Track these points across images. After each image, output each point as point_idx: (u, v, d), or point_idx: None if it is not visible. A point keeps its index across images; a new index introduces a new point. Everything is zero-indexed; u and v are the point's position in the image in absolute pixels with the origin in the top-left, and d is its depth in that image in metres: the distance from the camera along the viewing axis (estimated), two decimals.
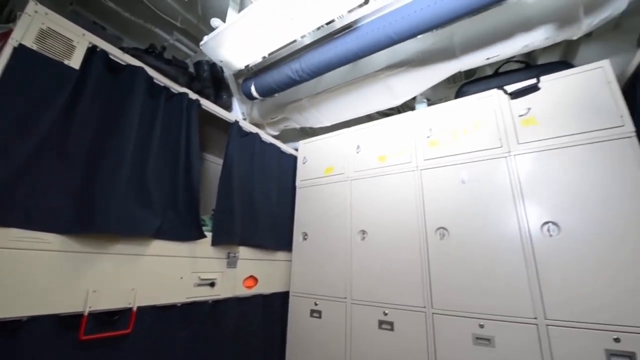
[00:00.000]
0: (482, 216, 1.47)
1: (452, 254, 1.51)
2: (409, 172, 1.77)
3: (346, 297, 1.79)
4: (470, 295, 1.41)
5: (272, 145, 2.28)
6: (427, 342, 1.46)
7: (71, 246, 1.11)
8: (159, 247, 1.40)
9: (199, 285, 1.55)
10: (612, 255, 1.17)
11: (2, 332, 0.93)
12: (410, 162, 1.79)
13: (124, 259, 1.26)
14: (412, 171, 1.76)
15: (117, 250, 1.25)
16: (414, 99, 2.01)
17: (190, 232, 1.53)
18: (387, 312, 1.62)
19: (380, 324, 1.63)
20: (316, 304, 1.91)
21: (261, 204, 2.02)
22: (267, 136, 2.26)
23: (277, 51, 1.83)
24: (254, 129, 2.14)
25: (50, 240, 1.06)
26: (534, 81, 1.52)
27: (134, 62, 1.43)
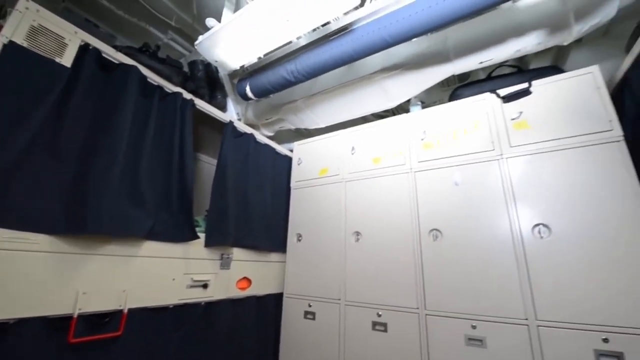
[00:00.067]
0: (475, 218, 1.49)
1: (445, 255, 1.52)
2: (403, 174, 1.78)
3: (340, 299, 1.79)
4: (462, 296, 1.42)
5: (267, 146, 2.28)
6: (420, 343, 1.47)
7: (61, 247, 1.09)
8: (151, 248, 1.39)
9: (192, 286, 1.54)
10: (601, 257, 1.19)
11: None
12: (404, 164, 1.80)
13: (115, 260, 1.25)
14: (406, 173, 1.77)
15: (108, 251, 1.23)
16: (409, 101, 2.03)
17: (183, 233, 1.52)
18: (380, 313, 1.63)
19: (374, 325, 1.63)
20: (310, 306, 1.90)
21: (255, 205, 2.01)
22: (261, 137, 2.25)
23: (273, 52, 1.83)
24: (249, 130, 2.13)
25: (39, 240, 1.04)
26: (525, 85, 1.54)
27: (127, 60, 1.42)
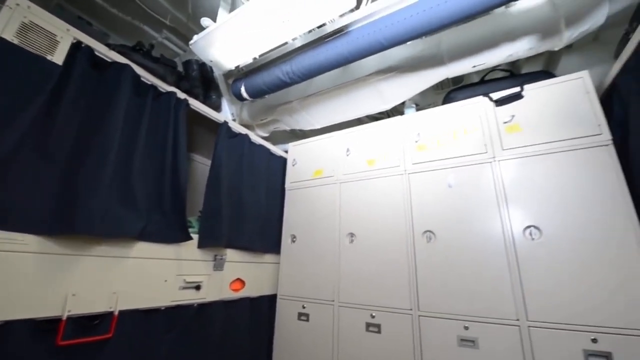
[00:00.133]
0: (468, 220, 1.50)
1: (438, 256, 1.53)
2: (397, 175, 1.79)
3: (334, 300, 1.79)
4: (455, 297, 1.44)
5: (262, 146, 2.27)
6: (413, 344, 1.48)
7: (50, 248, 1.07)
8: (143, 249, 1.37)
9: (184, 288, 1.52)
10: (590, 258, 1.22)
11: None
12: (398, 166, 1.81)
13: (105, 261, 1.23)
14: (400, 175, 1.78)
15: (99, 252, 1.21)
16: (403, 103, 2.04)
17: (175, 234, 1.50)
18: (374, 314, 1.63)
19: (367, 326, 1.63)
20: (304, 307, 1.90)
21: (249, 205, 2.00)
22: (256, 137, 2.24)
23: (268, 53, 1.83)
24: (244, 130, 2.12)
25: (27, 241, 1.02)
26: (517, 89, 1.57)
27: (120, 59, 1.40)
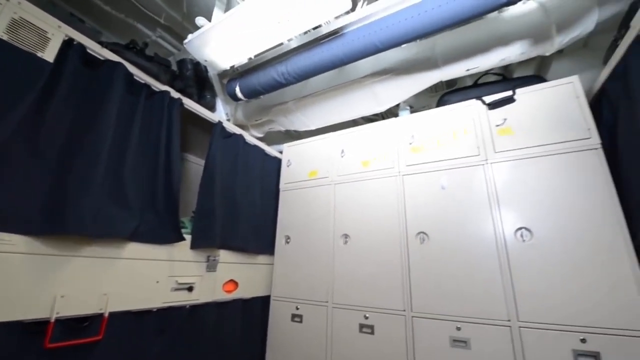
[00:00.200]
0: (461, 221, 1.52)
1: (431, 258, 1.54)
2: (392, 177, 1.80)
3: (327, 301, 1.79)
4: (448, 298, 1.45)
5: (256, 147, 2.26)
6: (406, 345, 1.48)
7: (38, 248, 1.05)
8: (135, 249, 1.35)
9: (177, 289, 1.50)
10: (579, 259, 1.24)
11: None
12: (392, 168, 1.82)
13: (96, 262, 1.21)
14: (395, 176, 1.79)
15: (89, 252, 1.19)
16: (398, 106, 2.06)
17: (168, 235, 1.48)
18: (367, 315, 1.63)
19: (361, 327, 1.64)
20: (297, 308, 1.89)
21: (243, 206, 1.99)
22: (251, 138, 2.23)
23: (264, 53, 1.82)
24: (238, 130, 2.11)
25: (14, 241, 0.99)
26: (510, 93, 1.59)
27: (113, 57, 1.38)
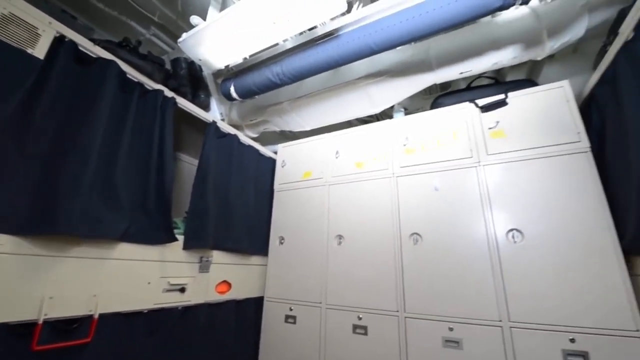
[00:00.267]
0: (454, 222, 1.53)
1: (424, 258, 1.55)
2: (386, 178, 1.81)
3: (321, 302, 1.79)
4: (440, 299, 1.46)
5: (251, 147, 2.25)
6: (399, 346, 1.49)
7: (26, 248, 1.03)
8: (126, 250, 1.33)
9: (168, 290, 1.48)
10: (569, 260, 1.26)
11: None
12: (387, 169, 1.83)
13: (86, 262, 1.18)
14: (389, 178, 1.80)
15: (79, 253, 1.17)
16: (392, 107, 2.07)
17: (160, 235, 1.46)
18: (361, 316, 1.64)
19: (354, 328, 1.64)
20: (291, 309, 1.89)
21: (237, 206, 1.98)
22: (245, 138, 2.22)
23: (259, 53, 1.82)
24: (232, 130, 2.10)
25: (2, 241, 0.97)
26: (502, 96, 1.61)
27: (105, 55, 1.36)
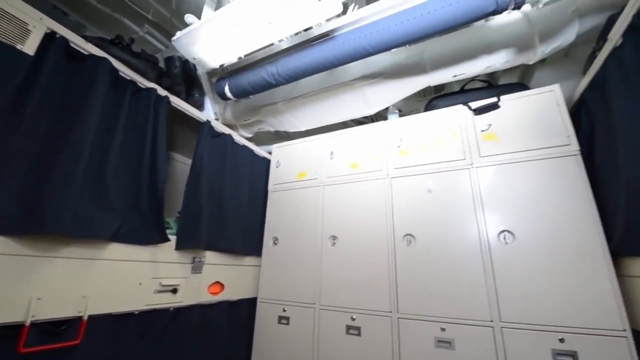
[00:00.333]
0: (446, 223, 1.55)
1: (417, 259, 1.56)
2: (380, 179, 1.82)
3: (315, 303, 1.79)
4: (433, 299, 1.47)
5: (245, 147, 2.24)
6: (392, 346, 1.49)
7: (13, 248, 1.00)
8: (117, 250, 1.31)
9: (160, 291, 1.46)
10: (559, 261, 1.28)
11: None
12: (381, 170, 1.84)
13: (75, 263, 1.16)
14: (383, 179, 1.81)
15: (68, 253, 1.15)
16: (387, 109, 2.08)
17: (152, 235, 1.44)
18: (354, 317, 1.64)
19: (347, 329, 1.64)
20: (284, 310, 1.88)
21: (231, 207, 1.96)
22: (239, 138, 2.21)
23: (254, 53, 1.81)
24: (227, 130, 2.08)
25: None
26: (495, 99, 1.63)
27: (97, 52, 1.34)
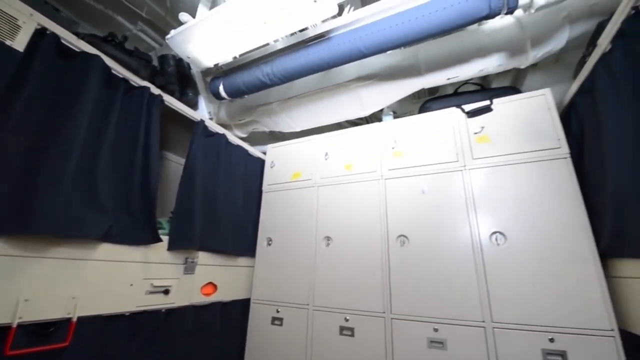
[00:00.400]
0: (439, 224, 1.56)
1: (411, 260, 1.57)
2: (374, 180, 1.83)
3: (308, 304, 1.78)
4: (426, 300, 1.48)
5: (239, 147, 2.22)
6: (385, 347, 1.50)
7: (2, 249, 0.98)
8: (108, 251, 1.29)
9: (152, 292, 1.45)
10: (549, 262, 1.30)
11: None
12: (375, 171, 1.84)
13: (64, 263, 1.14)
14: (377, 180, 1.82)
15: (57, 254, 1.12)
16: (381, 111, 2.09)
17: (144, 235, 1.43)
18: (348, 318, 1.64)
19: (341, 330, 1.64)
20: (278, 311, 1.87)
21: (224, 207, 1.95)
22: (234, 138, 2.20)
23: (249, 53, 1.80)
24: (221, 130, 2.07)
25: None
26: (487, 102, 1.66)
27: (89, 49, 1.32)
